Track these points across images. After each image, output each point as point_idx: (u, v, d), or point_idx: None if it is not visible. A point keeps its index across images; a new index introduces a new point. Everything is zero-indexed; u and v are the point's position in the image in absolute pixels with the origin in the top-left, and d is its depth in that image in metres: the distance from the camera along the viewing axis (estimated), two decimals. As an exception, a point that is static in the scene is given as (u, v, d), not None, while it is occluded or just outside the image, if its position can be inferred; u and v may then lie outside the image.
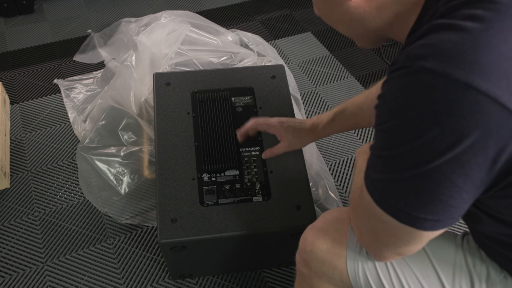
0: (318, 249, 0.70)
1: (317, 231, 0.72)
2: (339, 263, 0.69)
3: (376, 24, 0.58)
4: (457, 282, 0.64)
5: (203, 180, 1.00)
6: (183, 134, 1.06)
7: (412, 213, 0.50)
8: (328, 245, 0.70)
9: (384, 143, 0.51)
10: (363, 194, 0.57)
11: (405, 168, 0.48)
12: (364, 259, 0.67)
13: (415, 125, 0.46)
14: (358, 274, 0.68)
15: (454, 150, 0.44)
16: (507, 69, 0.42)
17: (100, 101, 1.32)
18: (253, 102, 1.13)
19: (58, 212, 1.33)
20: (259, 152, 1.06)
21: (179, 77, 1.16)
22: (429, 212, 0.49)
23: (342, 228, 0.70)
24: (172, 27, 1.39)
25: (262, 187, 1.01)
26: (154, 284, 1.17)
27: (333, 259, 0.69)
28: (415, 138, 0.46)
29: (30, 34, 1.99)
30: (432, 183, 0.47)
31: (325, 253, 0.69)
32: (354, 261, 0.68)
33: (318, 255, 0.70)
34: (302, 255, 0.74)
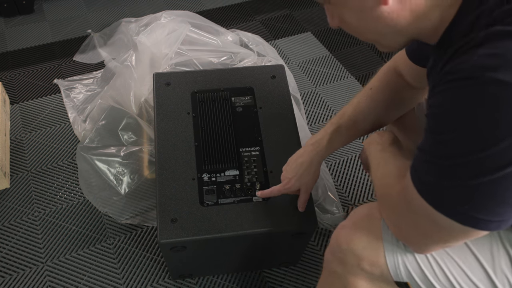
0: (355, 246, 0.71)
1: (350, 229, 0.73)
2: (378, 259, 0.69)
3: (408, 27, 0.58)
4: (497, 263, 0.65)
5: (203, 180, 1.00)
6: (183, 134, 1.06)
7: (476, 216, 0.51)
8: (364, 242, 0.70)
9: (445, 152, 0.51)
10: (410, 195, 0.57)
11: (471, 177, 0.49)
12: (403, 252, 0.68)
13: (483, 136, 0.46)
14: (398, 267, 0.68)
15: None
16: None
17: (100, 101, 1.32)
18: (253, 102, 1.13)
19: (58, 212, 1.33)
20: (259, 152, 1.06)
21: (179, 77, 1.16)
22: (496, 214, 0.50)
23: (375, 224, 0.71)
24: (172, 27, 1.39)
25: (262, 187, 1.00)
26: (154, 284, 1.17)
27: (372, 255, 0.70)
28: (482, 149, 0.47)
29: (30, 34, 1.99)
30: (501, 189, 0.48)
31: (362, 250, 0.70)
32: (393, 255, 0.68)
33: (356, 253, 0.71)
34: (337, 254, 0.74)
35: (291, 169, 0.93)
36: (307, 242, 1.08)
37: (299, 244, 1.08)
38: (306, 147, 0.93)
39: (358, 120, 0.89)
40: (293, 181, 0.92)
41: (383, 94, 0.89)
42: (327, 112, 1.65)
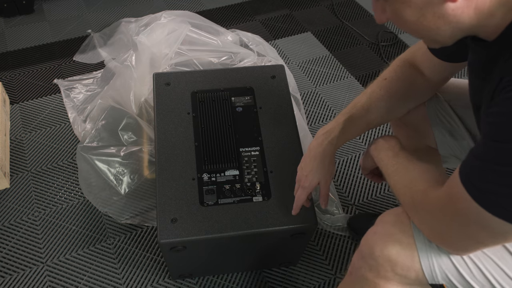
0: (389, 252, 0.71)
1: (382, 235, 0.73)
2: (413, 263, 0.70)
3: (470, 24, 0.57)
4: None
5: (203, 180, 1.01)
6: (183, 134, 1.06)
7: None
8: (397, 248, 0.70)
9: (507, 160, 0.52)
10: (459, 201, 0.58)
11: None
12: (437, 254, 0.69)
13: None
14: (434, 270, 0.69)
15: None
16: None
17: (100, 101, 1.32)
18: (253, 102, 1.13)
19: (58, 212, 1.33)
20: (259, 152, 1.06)
21: (179, 77, 1.16)
22: None
23: (405, 229, 0.71)
24: (172, 27, 1.39)
25: (262, 187, 1.00)
26: (154, 284, 1.17)
27: (406, 259, 0.70)
28: None
29: (30, 34, 1.99)
30: None
31: (397, 255, 0.70)
32: (428, 258, 0.69)
33: (390, 258, 0.71)
34: (369, 261, 0.74)
35: (305, 165, 0.91)
36: (307, 242, 1.08)
37: (299, 244, 1.08)
38: (317, 138, 0.90)
39: (371, 109, 0.88)
40: (310, 176, 0.89)
41: (397, 85, 0.88)
42: (327, 112, 1.65)
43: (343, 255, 1.24)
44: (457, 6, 0.55)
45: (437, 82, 0.87)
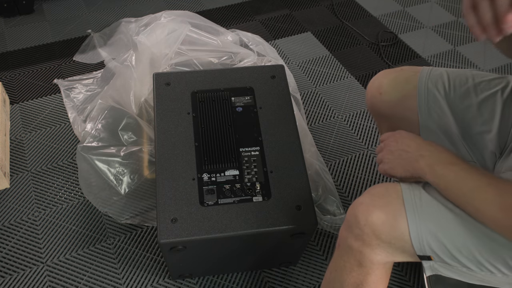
0: (373, 221, 0.73)
1: (368, 205, 0.74)
2: (400, 233, 0.71)
3: None
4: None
5: (203, 180, 1.01)
6: (183, 134, 1.06)
7: None
8: (382, 217, 0.72)
9: None
10: None
11: None
12: (427, 229, 0.70)
13: None
14: (422, 243, 0.71)
15: None
16: None
17: (100, 101, 1.32)
18: (253, 102, 1.13)
19: (58, 212, 1.33)
20: (259, 152, 1.06)
21: (179, 77, 1.16)
22: None
23: (394, 201, 0.73)
24: (172, 27, 1.39)
25: (262, 187, 1.01)
26: (154, 284, 1.17)
27: (392, 229, 0.72)
28: None
29: (30, 34, 1.99)
30: None
31: (382, 224, 0.72)
32: (418, 231, 0.70)
33: (374, 228, 0.72)
34: (354, 230, 0.76)
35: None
36: (307, 242, 1.08)
37: (299, 244, 1.08)
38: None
39: None
40: None
41: None
42: (327, 112, 1.65)
43: (343, 255, 1.24)
44: None
45: None
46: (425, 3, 2.23)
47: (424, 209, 0.71)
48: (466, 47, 1.98)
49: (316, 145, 1.50)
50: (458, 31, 2.06)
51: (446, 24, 2.10)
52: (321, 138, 1.55)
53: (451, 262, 0.72)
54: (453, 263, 0.72)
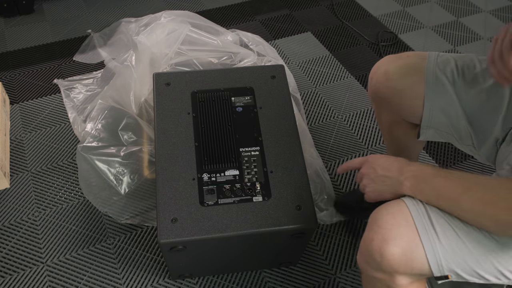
0: (390, 258, 0.71)
1: (380, 242, 0.72)
2: (417, 261, 0.70)
3: None
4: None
5: (203, 180, 1.01)
6: (183, 134, 1.06)
7: None
8: (397, 250, 0.70)
9: None
10: None
11: None
12: (443, 248, 0.69)
13: None
14: (441, 264, 0.70)
15: None
16: None
17: (100, 101, 1.32)
18: (253, 102, 1.13)
19: (58, 212, 1.33)
20: (259, 152, 1.06)
21: (179, 77, 1.16)
22: None
23: (404, 230, 0.71)
24: (172, 27, 1.39)
25: (262, 187, 1.01)
26: (154, 284, 1.17)
27: (408, 260, 0.70)
28: None
29: (30, 34, 1.99)
30: None
31: (398, 258, 0.71)
32: (434, 253, 0.70)
33: (393, 263, 0.71)
34: (372, 265, 0.75)
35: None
36: (307, 242, 1.08)
37: (299, 244, 1.08)
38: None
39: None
40: None
41: None
42: (327, 112, 1.65)
43: (343, 255, 1.24)
44: None
45: None
46: (425, 3, 2.23)
47: (437, 230, 0.70)
48: (466, 47, 1.98)
49: (316, 145, 1.51)
50: (458, 31, 2.06)
51: (446, 24, 2.10)
52: (321, 138, 1.55)
53: (470, 278, 0.71)
54: (471, 279, 0.71)
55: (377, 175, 0.82)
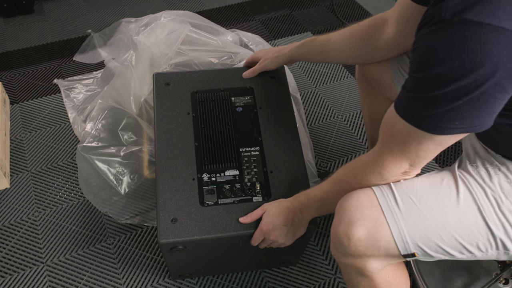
0: (357, 239, 0.73)
1: (347, 224, 0.74)
2: (384, 241, 0.72)
3: None
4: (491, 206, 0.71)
5: (203, 180, 1.01)
6: (183, 134, 1.06)
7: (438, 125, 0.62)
8: (364, 232, 0.72)
9: (419, 87, 0.61)
10: (396, 123, 0.66)
11: (454, 99, 0.58)
12: (408, 226, 0.71)
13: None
14: (406, 241, 0.72)
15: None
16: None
17: (100, 101, 1.32)
18: (253, 102, 1.13)
19: (58, 212, 1.33)
20: (259, 152, 1.06)
21: (179, 77, 1.16)
22: (448, 122, 0.61)
23: (369, 211, 0.73)
24: (172, 27, 1.39)
25: (262, 187, 1.01)
26: (154, 284, 1.17)
27: (376, 241, 0.72)
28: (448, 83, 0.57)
29: (30, 34, 1.99)
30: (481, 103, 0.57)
31: (365, 239, 0.72)
32: (400, 231, 0.71)
33: (360, 244, 0.73)
34: (341, 250, 0.76)
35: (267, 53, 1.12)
36: (307, 242, 1.08)
37: (299, 244, 1.08)
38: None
39: (332, 39, 1.00)
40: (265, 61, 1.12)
41: (359, 27, 0.96)
42: (327, 112, 1.65)
43: (343, 255, 1.24)
44: None
45: (404, 34, 0.90)
46: (425, 3, 2.23)
47: (401, 208, 0.72)
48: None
49: (316, 145, 1.51)
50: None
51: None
52: (321, 138, 1.55)
53: (435, 254, 0.73)
54: (436, 255, 0.73)
55: (277, 235, 0.93)
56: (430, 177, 0.77)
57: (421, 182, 0.75)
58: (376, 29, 0.94)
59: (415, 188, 0.74)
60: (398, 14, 0.89)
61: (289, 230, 0.93)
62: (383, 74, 1.04)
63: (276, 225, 0.91)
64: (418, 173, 0.78)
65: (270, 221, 0.92)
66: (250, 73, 1.15)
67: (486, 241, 0.71)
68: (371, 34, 0.95)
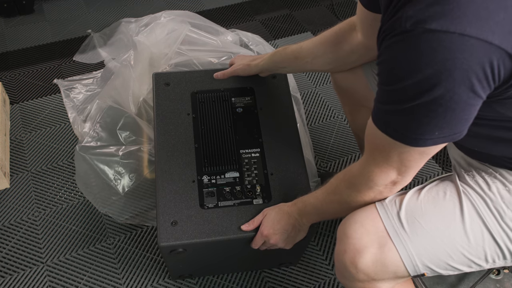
0: (365, 267, 0.72)
1: (353, 252, 0.72)
2: (392, 265, 0.71)
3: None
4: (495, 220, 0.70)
5: (203, 182, 1.00)
6: (183, 135, 1.06)
7: (409, 136, 0.62)
8: (372, 258, 0.71)
9: (391, 99, 0.61)
10: (377, 136, 0.66)
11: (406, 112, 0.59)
12: (416, 248, 0.70)
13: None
14: (416, 263, 0.71)
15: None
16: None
17: (98, 101, 1.32)
18: (253, 103, 1.13)
19: (58, 212, 1.33)
20: (260, 153, 1.05)
21: (179, 77, 1.16)
22: (423, 133, 0.61)
23: (374, 237, 0.72)
24: (172, 27, 1.39)
25: (263, 190, 1.00)
26: (154, 284, 1.18)
27: (385, 266, 0.71)
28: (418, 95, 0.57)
29: (30, 34, 1.99)
30: (419, 114, 0.58)
31: (373, 266, 0.71)
32: (409, 255, 0.70)
33: (368, 271, 0.72)
34: (348, 277, 0.75)
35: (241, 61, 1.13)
36: (307, 243, 1.08)
37: (299, 244, 1.08)
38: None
39: (303, 47, 1.00)
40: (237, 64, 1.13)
41: (330, 34, 0.96)
42: (327, 112, 1.65)
43: (343, 255, 1.24)
44: None
45: (371, 37, 0.90)
46: (425, 3, 2.23)
47: (408, 230, 0.71)
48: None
49: (316, 145, 1.51)
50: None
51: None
52: (321, 138, 1.55)
53: (444, 272, 0.72)
54: (446, 272, 0.72)
55: (276, 240, 0.93)
56: (432, 192, 0.75)
57: (425, 199, 0.74)
58: (345, 33, 0.94)
59: (420, 207, 0.73)
60: (360, 19, 0.89)
61: (289, 234, 0.93)
62: (358, 82, 1.04)
63: (276, 230, 0.91)
64: (423, 185, 0.77)
65: (270, 225, 0.92)
66: (221, 75, 1.14)
67: (493, 253, 0.70)
68: (340, 38, 0.95)
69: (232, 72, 1.13)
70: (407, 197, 0.75)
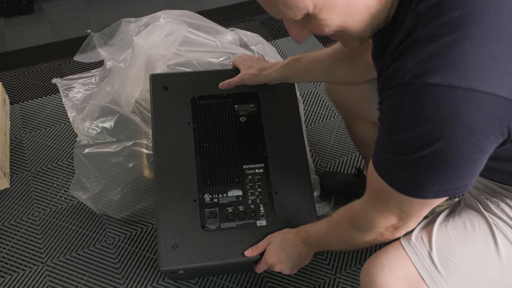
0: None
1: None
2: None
3: (381, 11, 0.59)
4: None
5: (204, 202, 0.97)
6: (184, 148, 1.00)
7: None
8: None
9: (395, 149, 0.58)
10: (377, 183, 0.64)
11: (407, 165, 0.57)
12: (446, 283, 0.67)
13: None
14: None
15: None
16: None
17: (91, 101, 1.31)
18: (257, 111, 1.06)
19: (58, 212, 1.33)
20: (263, 169, 1.01)
21: (178, 80, 1.07)
22: (425, 186, 0.59)
23: (405, 276, 0.68)
24: (170, 28, 1.38)
25: (266, 209, 0.97)
26: (154, 284, 1.18)
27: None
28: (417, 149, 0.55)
29: (30, 34, 1.99)
30: (422, 168, 0.56)
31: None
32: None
33: None
34: None
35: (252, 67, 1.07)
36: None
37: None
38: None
39: (317, 60, 0.96)
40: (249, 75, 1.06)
41: (348, 52, 0.91)
42: (327, 112, 1.65)
43: (343, 255, 1.24)
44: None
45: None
46: (425, 3, 2.23)
47: (442, 272, 0.68)
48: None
49: (316, 145, 1.51)
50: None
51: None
52: (321, 138, 1.55)
53: None
54: None
55: (287, 263, 0.91)
56: (459, 225, 0.71)
57: (454, 235, 0.70)
58: (361, 53, 0.90)
59: (451, 245, 0.69)
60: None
61: (294, 263, 0.91)
62: (358, 96, 1.00)
63: (282, 259, 0.90)
64: (445, 214, 0.75)
65: (275, 254, 0.90)
66: (227, 85, 1.07)
67: None
68: (356, 57, 0.91)
69: (238, 82, 1.06)
70: (434, 232, 0.71)
